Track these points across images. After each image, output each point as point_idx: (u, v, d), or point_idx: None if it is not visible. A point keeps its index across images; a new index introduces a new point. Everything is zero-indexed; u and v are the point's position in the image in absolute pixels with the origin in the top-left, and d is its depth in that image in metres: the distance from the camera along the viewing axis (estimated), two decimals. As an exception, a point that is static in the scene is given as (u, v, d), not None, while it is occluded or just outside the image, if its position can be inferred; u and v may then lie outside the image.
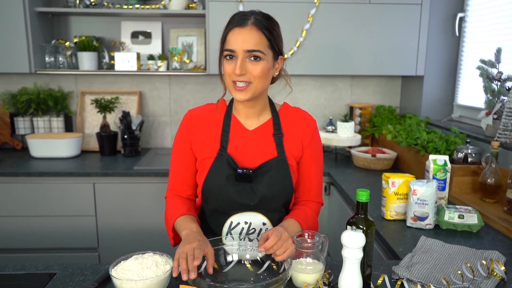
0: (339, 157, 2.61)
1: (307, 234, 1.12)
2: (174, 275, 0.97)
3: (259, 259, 1.14)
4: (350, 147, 2.59)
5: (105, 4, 2.59)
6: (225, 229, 1.25)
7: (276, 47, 1.21)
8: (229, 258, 1.15)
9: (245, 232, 1.25)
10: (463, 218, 1.47)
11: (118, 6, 2.58)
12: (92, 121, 2.77)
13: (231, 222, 1.25)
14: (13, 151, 2.69)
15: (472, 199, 1.75)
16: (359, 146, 2.62)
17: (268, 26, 1.18)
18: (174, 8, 2.51)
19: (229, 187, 1.22)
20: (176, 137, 1.30)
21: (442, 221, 1.49)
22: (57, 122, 2.73)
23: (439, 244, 1.34)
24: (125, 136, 2.57)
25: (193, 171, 1.30)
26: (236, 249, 1.17)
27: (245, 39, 1.14)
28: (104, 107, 2.59)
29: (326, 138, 2.51)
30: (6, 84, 2.75)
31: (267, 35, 1.17)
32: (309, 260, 1.09)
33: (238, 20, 1.16)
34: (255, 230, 1.25)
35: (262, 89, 1.22)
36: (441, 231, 1.48)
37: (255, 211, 1.24)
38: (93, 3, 2.54)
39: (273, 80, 1.30)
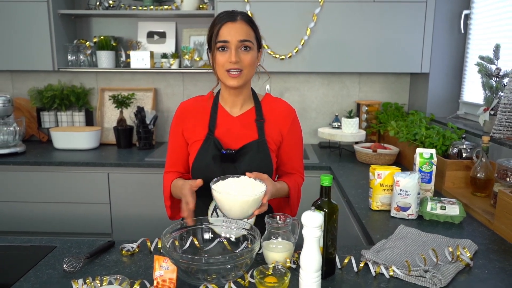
0: (343, 152, 2.66)
1: (278, 216, 1.21)
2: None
3: (233, 239, 1.23)
4: (356, 142, 2.64)
5: (122, 6, 2.76)
6: (211, 207, 1.37)
7: (258, 39, 1.37)
8: (209, 236, 1.26)
9: None
10: (445, 209, 1.52)
11: (134, 7, 2.74)
12: (111, 116, 2.94)
13: None
14: (39, 143, 2.91)
15: (463, 193, 1.78)
16: (365, 142, 2.66)
17: (252, 20, 1.36)
18: (186, 8, 2.65)
19: (215, 166, 1.34)
20: (171, 125, 1.45)
21: (425, 212, 1.54)
22: (79, 117, 2.92)
23: (415, 233, 1.39)
24: (140, 130, 2.72)
25: (185, 154, 1.44)
26: (220, 227, 1.27)
27: (238, 31, 1.29)
28: (121, 102, 2.76)
29: (330, 134, 2.57)
30: (34, 81, 2.97)
31: (253, 28, 1.34)
32: (280, 239, 1.18)
33: (228, 16, 1.31)
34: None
35: (250, 77, 1.37)
36: (423, 222, 1.53)
37: None
38: (111, 5, 2.71)
39: None
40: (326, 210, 1.09)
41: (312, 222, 1.02)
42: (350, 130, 2.56)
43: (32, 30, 2.58)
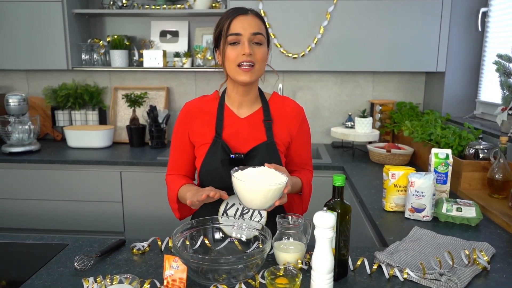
0: (357, 152, 2.63)
1: (290, 216, 1.19)
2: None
3: (244, 239, 1.22)
4: (370, 142, 2.61)
5: (136, 5, 2.77)
6: (221, 209, 1.35)
7: (268, 37, 1.34)
8: (220, 236, 1.25)
9: (240, 212, 1.34)
10: (461, 211, 1.48)
11: (147, 7, 2.75)
12: (124, 114, 2.96)
13: (227, 203, 1.35)
14: (53, 142, 2.94)
15: (480, 194, 1.74)
16: (379, 142, 2.62)
17: (262, 17, 1.33)
18: (198, 7, 2.65)
19: (223, 170, 1.32)
20: (175, 126, 1.42)
21: (440, 214, 1.51)
22: (92, 115, 2.94)
23: (430, 235, 1.36)
24: (152, 129, 2.73)
25: (190, 156, 1.42)
26: (230, 227, 1.26)
27: (250, 24, 1.27)
28: (134, 101, 2.77)
29: (343, 133, 2.55)
30: (48, 80, 3.00)
31: (264, 23, 1.32)
32: (291, 240, 1.16)
33: (238, 10, 1.29)
34: (249, 210, 1.33)
35: (261, 73, 1.33)
36: (438, 223, 1.50)
37: None
38: (125, 4, 2.72)
39: None
40: (339, 211, 1.07)
41: (325, 222, 1.00)
42: (363, 130, 2.52)
43: (46, 30, 2.60)
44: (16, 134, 2.58)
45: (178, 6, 2.71)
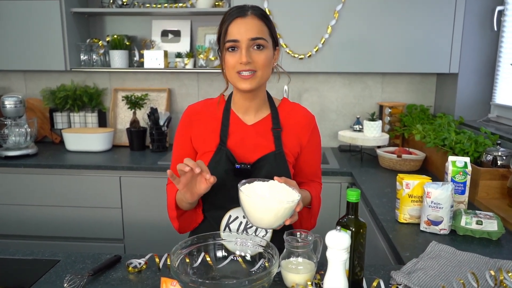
0: (365, 157, 2.53)
1: (299, 233, 1.09)
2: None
3: (249, 257, 1.13)
4: (379, 147, 2.51)
5: (136, 3, 2.68)
6: (223, 222, 1.25)
7: (274, 36, 1.23)
8: (222, 254, 1.15)
9: (243, 226, 1.24)
10: (481, 224, 1.38)
11: (148, 5, 2.66)
12: (124, 117, 2.87)
13: (230, 216, 1.25)
14: (51, 145, 2.85)
15: (499, 204, 1.63)
16: (388, 146, 2.52)
17: (265, 15, 1.22)
18: (201, 6, 2.56)
19: (227, 181, 1.22)
20: (177, 131, 1.33)
21: (459, 227, 1.41)
22: (92, 118, 2.86)
23: (449, 251, 1.26)
24: (153, 132, 2.64)
25: None
26: (234, 243, 1.16)
27: (248, 28, 1.16)
28: (134, 103, 2.68)
29: (351, 137, 2.45)
30: (47, 81, 2.92)
31: (267, 23, 1.20)
32: (300, 259, 1.07)
33: (237, 12, 1.18)
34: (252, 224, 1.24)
35: (265, 79, 1.23)
36: (457, 237, 1.40)
37: None
38: (125, 3, 2.63)
39: None
40: (353, 229, 0.98)
41: (338, 243, 0.91)
42: (372, 134, 2.42)
43: (44, 29, 2.52)
44: (13, 137, 2.50)
45: (180, 4, 2.61)
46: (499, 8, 2.26)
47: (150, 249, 2.40)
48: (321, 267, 1.13)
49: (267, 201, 1.01)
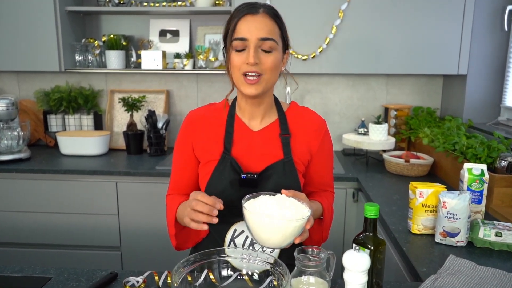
0: (370, 161, 2.45)
1: (311, 250, 1.01)
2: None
3: (257, 276, 1.04)
4: (384, 151, 2.43)
5: (133, 2, 2.59)
6: (228, 237, 1.17)
7: (285, 38, 1.15)
8: (227, 272, 1.07)
9: (249, 241, 1.16)
10: (501, 236, 1.30)
11: (146, 4, 2.57)
12: (121, 119, 2.78)
13: (235, 230, 1.17)
14: (45, 148, 2.76)
15: (515, 213, 1.56)
16: (394, 150, 2.44)
17: (278, 15, 1.14)
18: (201, 5, 2.47)
19: (232, 192, 1.14)
20: (178, 138, 1.24)
21: (476, 239, 1.33)
22: (87, 120, 2.76)
23: (469, 266, 1.18)
24: (151, 135, 2.55)
25: (194, 173, 1.24)
26: (239, 260, 1.08)
27: (258, 26, 1.08)
28: (131, 105, 2.59)
29: (356, 141, 2.36)
30: (41, 82, 2.82)
31: (278, 23, 1.13)
32: (312, 279, 0.98)
33: (248, 8, 1.10)
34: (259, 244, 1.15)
35: (272, 83, 1.15)
36: (474, 250, 1.32)
37: None
38: (122, 1, 2.54)
39: None
40: (372, 248, 0.89)
41: (358, 265, 0.83)
42: (378, 137, 2.34)
43: (37, 29, 2.42)
44: (5, 141, 2.40)
45: (179, 3, 2.53)
46: (510, 7, 2.18)
47: (149, 258, 2.32)
48: (334, 284, 1.05)
49: (274, 220, 0.92)
